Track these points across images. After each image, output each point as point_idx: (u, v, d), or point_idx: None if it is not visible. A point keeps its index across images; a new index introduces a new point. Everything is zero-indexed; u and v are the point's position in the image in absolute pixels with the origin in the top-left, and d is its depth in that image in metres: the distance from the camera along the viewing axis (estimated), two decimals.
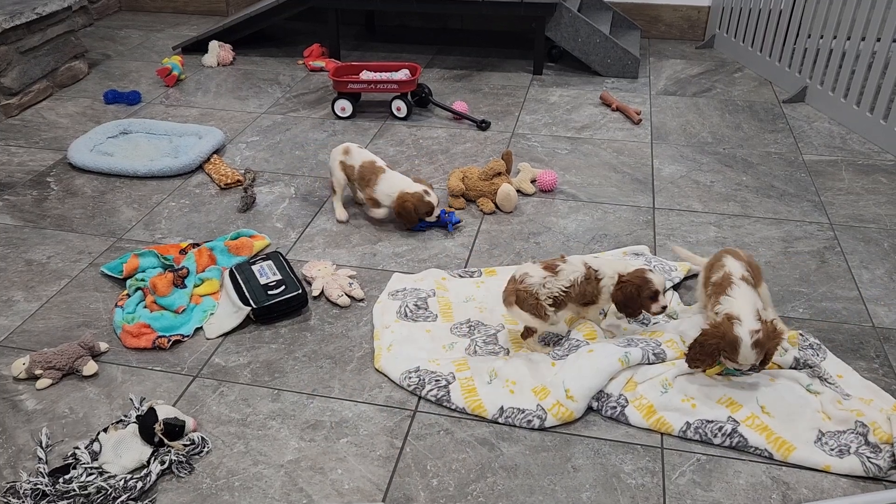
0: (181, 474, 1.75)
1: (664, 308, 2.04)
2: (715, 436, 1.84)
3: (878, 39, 3.18)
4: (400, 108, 3.55)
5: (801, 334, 2.13)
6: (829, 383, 1.96)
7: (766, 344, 1.85)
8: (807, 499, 1.70)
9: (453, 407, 1.95)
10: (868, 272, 2.45)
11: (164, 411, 1.82)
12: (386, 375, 2.05)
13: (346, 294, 2.34)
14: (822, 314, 2.26)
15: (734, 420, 1.86)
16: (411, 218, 2.61)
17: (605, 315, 2.20)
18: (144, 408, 1.86)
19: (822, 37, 3.52)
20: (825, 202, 2.85)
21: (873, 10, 3.18)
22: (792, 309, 2.28)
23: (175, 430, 1.78)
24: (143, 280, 2.34)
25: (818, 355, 2.06)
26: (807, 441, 1.82)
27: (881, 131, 3.22)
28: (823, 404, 1.90)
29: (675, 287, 2.37)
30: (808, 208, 2.81)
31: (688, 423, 1.87)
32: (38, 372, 2.00)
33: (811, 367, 2.00)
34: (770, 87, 3.88)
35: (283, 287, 2.26)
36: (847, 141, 3.31)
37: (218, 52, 4.23)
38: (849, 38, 3.34)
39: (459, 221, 2.72)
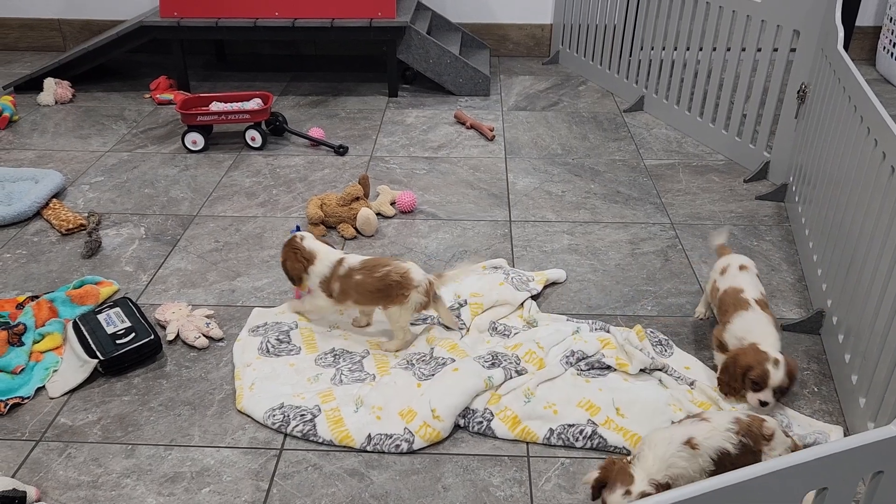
0: None
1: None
2: (577, 439, 1.90)
3: (701, 49, 3.43)
4: (254, 137, 3.48)
5: (650, 331, 2.25)
6: (676, 377, 2.08)
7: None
8: None
9: (320, 440, 1.91)
10: (707, 266, 2.62)
11: (2, 484, 1.67)
12: (249, 416, 1.99)
13: (204, 335, 2.25)
14: (669, 310, 2.40)
15: (593, 423, 1.94)
16: (735, 383, 1.96)
17: None
18: None
19: (652, 48, 3.77)
20: (666, 203, 3.03)
21: (694, 20, 3.44)
22: (641, 307, 2.41)
23: (14, 503, 1.64)
24: None
25: (665, 352, 2.18)
26: None
27: (711, 134, 3.48)
28: (674, 396, 2.02)
29: (534, 297, 2.44)
30: (651, 210, 2.98)
31: (551, 429, 1.93)
32: None
33: (660, 370, 2.11)
34: (612, 98, 4.10)
35: (132, 335, 2.14)
36: (682, 144, 3.55)
37: (55, 89, 3.99)
38: (676, 49, 3.59)
39: None
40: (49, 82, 4.00)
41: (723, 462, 1.60)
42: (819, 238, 2.45)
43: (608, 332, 2.25)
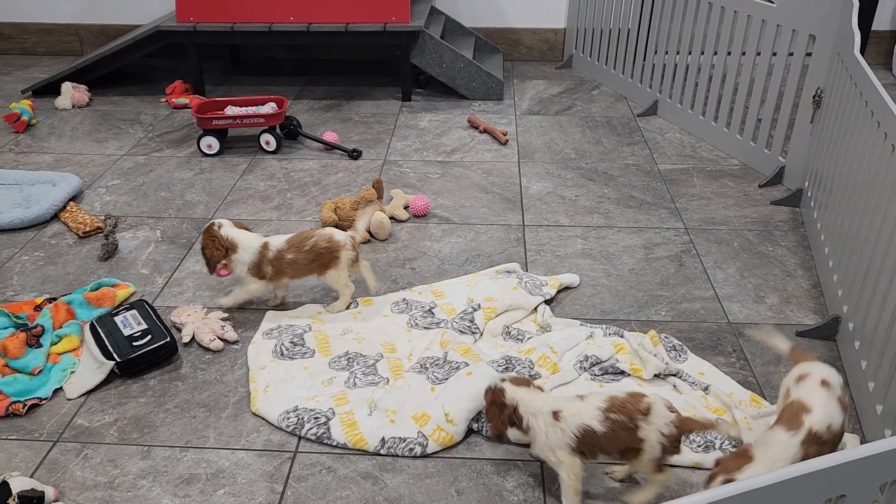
0: None
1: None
2: None
3: (716, 53, 3.43)
4: (269, 141, 3.50)
5: (664, 337, 2.24)
6: (691, 383, 2.07)
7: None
8: (675, 494, 1.78)
9: (334, 443, 1.92)
10: (721, 271, 2.61)
11: (20, 483, 1.69)
12: (263, 418, 2.00)
13: (219, 337, 2.26)
14: (683, 315, 2.39)
15: None
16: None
17: None
18: None
19: (667, 52, 3.76)
20: (680, 208, 3.02)
21: (709, 24, 3.43)
22: (655, 313, 2.40)
23: (33, 502, 1.66)
24: None
25: (680, 357, 2.18)
26: None
27: (725, 138, 3.46)
28: (689, 402, 2.01)
29: (548, 302, 2.44)
30: (665, 215, 2.97)
31: None
32: None
33: (675, 375, 2.10)
34: (625, 103, 4.10)
35: (149, 337, 2.16)
36: (697, 149, 3.54)
37: (72, 93, 4.03)
38: (690, 53, 3.59)
39: None
40: (66, 86, 4.05)
41: (588, 439, 1.64)
42: (835, 243, 2.44)
43: (622, 337, 2.24)
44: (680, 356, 2.18)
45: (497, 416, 1.71)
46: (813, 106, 2.91)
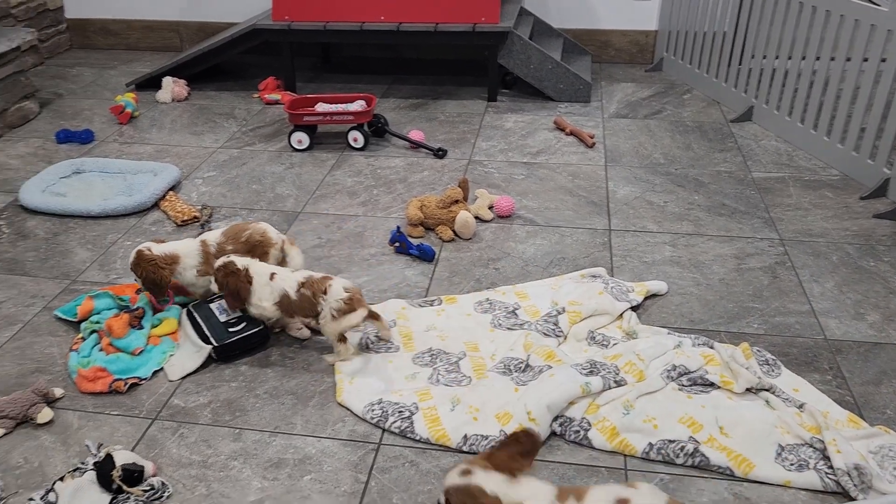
0: None
1: None
2: (677, 456, 1.86)
3: (818, 58, 3.29)
4: (356, 138, 3.57)
5: (757, 350, 2.17)
6: (784, 399, 2.00)
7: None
8: None
9: (417, 438, 1.94)
10: (818, 286, 2.51)
11: (122, 457, 1.78)
12: (349, 409, 2.04)
13: (307, 327, 2.32)
14: (776, 329, 2.31)
15: (695, 440, 1.89)
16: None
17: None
18: (102, 454, 1.82)
19: (765, 57, 3.64)
20: (775, 218, 2.92)
21: (811, 29, 3.30)
22: (747, 325, 2.33)
23: (134, 475, 1.74)
24: (98, 322, 2.29)
25: (773, 372, 2.10)
26: (767, 457, 1.84)
27: (825, 147, 3.33)
28: (782, 419, 1.94)
29: (634, 308, 2.40)
30: (758, 225, 2.88)
31: (650, 443, 1.89)
32: None
33: (767, 390, 2.03)
34: (718, 108, 3.99)
35: (243, 324, 2.24)
36: (793, 158, 3.41)
37: (172, 87, 4.20)
38: (790, 58, 3.46)
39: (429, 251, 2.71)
40: (167, 81, 4.22)
41: (283, 302, 2.18)
42: None
43: (712, 348, 2.19)
44: (773, 371, 2.11)
45: (237, 281, 2.16)
46: None
